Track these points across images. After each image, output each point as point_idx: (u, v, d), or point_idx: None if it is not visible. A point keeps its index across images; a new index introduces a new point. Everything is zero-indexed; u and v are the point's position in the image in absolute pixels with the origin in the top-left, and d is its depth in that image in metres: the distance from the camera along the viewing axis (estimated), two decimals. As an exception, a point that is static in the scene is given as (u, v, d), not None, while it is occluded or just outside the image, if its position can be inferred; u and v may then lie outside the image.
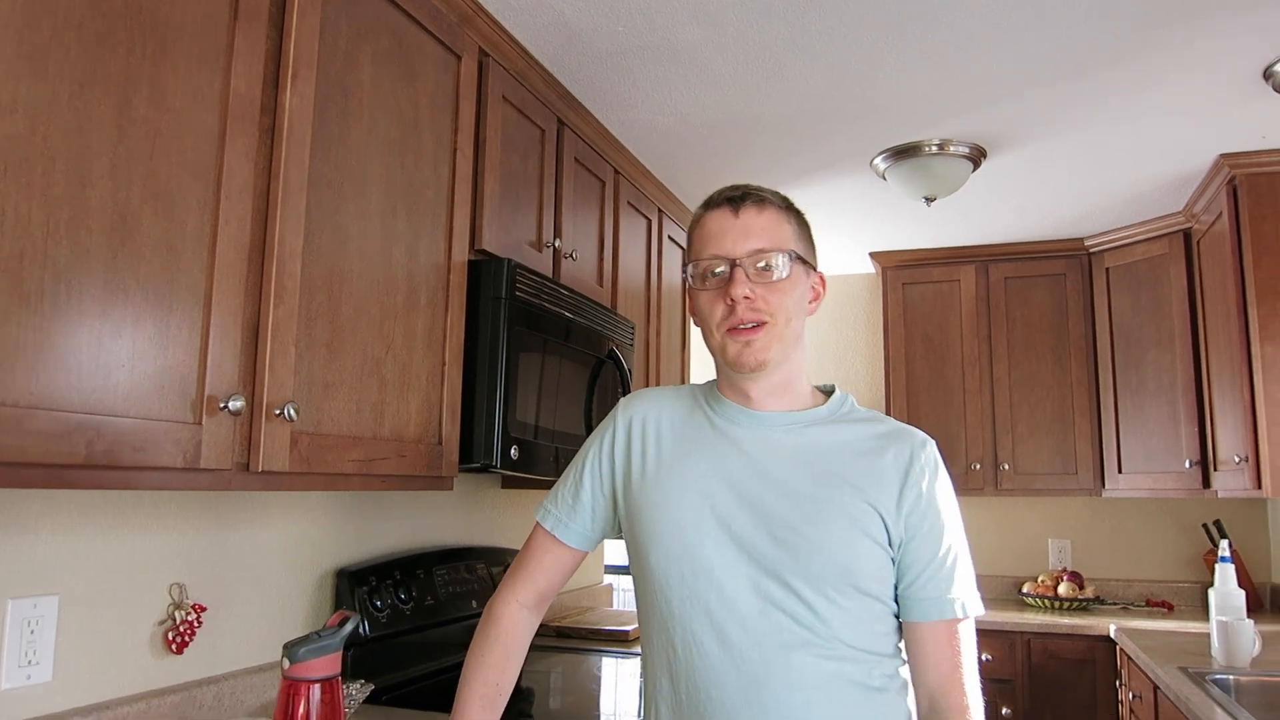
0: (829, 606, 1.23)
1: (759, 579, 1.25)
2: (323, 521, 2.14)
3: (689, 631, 1.27)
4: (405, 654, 2.27)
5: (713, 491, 1.30)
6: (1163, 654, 2.86)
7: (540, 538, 1.45)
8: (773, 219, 1.32)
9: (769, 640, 1.23)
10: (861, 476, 1.28)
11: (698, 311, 1.35)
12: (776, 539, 1.25)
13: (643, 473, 1.37)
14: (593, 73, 2.47)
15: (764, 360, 1.29)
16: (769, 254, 1.29)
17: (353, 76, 1.70)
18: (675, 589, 1.29)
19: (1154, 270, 3.76)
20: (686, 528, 1.29)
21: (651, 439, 1.39)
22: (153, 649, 1.69)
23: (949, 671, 1.26)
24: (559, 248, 2.48)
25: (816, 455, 1.31)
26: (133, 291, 1.25)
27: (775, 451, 1.32)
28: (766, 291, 1.29)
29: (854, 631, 1.25)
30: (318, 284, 1.60)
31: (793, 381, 1.36)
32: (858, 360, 4.69)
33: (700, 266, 1.32)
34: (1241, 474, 3.08)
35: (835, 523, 1.25)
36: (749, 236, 1.30)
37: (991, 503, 4.32)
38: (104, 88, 1.21)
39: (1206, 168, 3.17)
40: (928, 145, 2.94)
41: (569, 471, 1.47)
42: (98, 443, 1.19)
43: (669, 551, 1.29)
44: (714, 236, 1.32)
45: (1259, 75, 2.47)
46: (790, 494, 1.28)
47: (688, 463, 1.34)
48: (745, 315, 1.28)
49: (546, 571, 1.45)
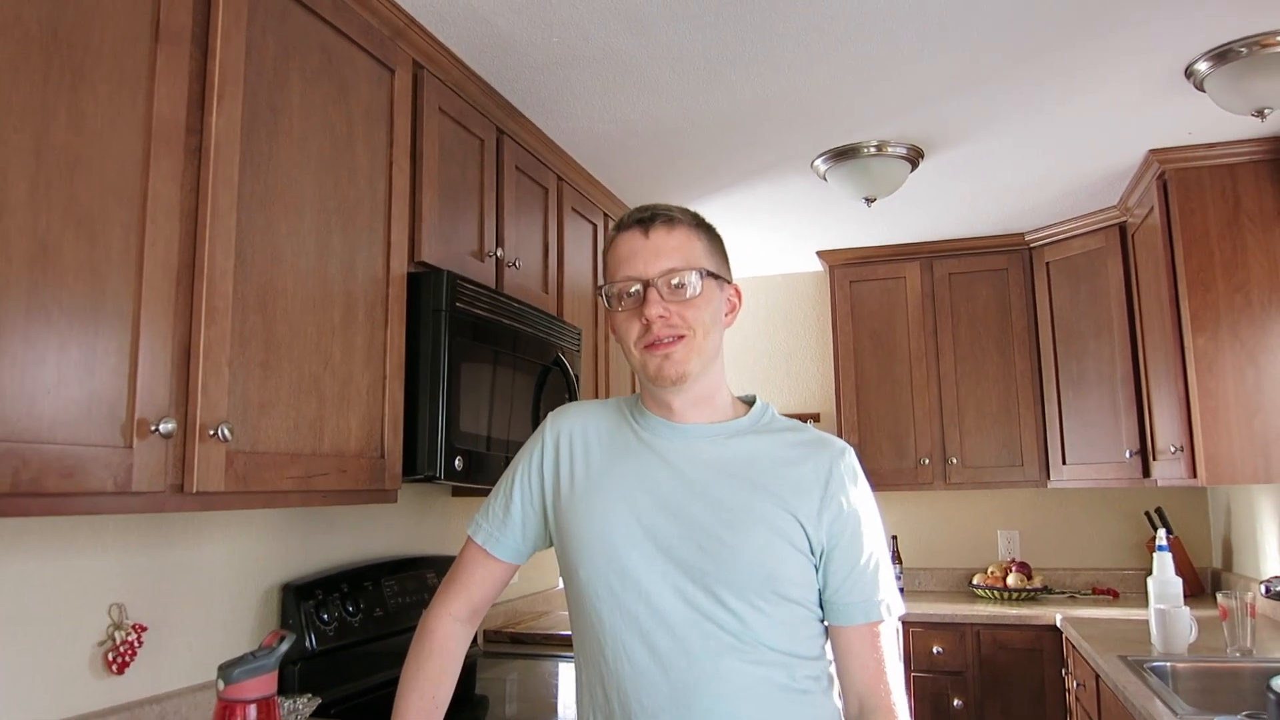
0: (753, 613, 1.27)
1: (685, 588, 1.28)
2: (267, 537, 2.14)
3: (619, 641, 1.30)
4: (354, 666, 2.27)
5: (639, 503, 1.32)
6: (1104, 642, 2.93)
7: (472, 551, 1.48)
8: (683, 238, 1.35)
9: (697, 647, 1.26)
10: (782, 486, 1.32)
11: (616, 330, 1.38)
12: (701, 548, 1.28)
13: (571, 487, 1.39)
14: (531, 82, 2.48)
15: (684, 373, 1.31)
16: (680, 273, 1.32)
17: (281, 95, 1.71)
18: (604, 600, 1.31)
19: (1092, 263, 3.84)
20: (614, 540, 1.31)
21: (580, 453, 1.41)
22: (93, 670, 1.68)
23: (875, 672, 1.30)
24: (501, 256, 2.49)
25: (739, 465, 1.34)
26: (55, 318, 1.25)
27: (699, 463, 1.34)
28: (681, 308, 1.32)
29: (779, 637, 1.28)
30: (251, 303, 1.60)
31: (713, 394, 1.39)
32: (807, 358, 4.74)
33: (615, 288, 1.35)
34: (1178, 463, 3.16)
35: (757, 531, 1.28)
36: (660, 256, 1.32)
37: (941, 496, 4.40)
38: (20, 115, 1.21)
39: (1138, 163, 3.25)
40: (865, 147, 2.99)
41: (499, 485, 1.49)
42: (24, 471, 1.19)
43: (597, 564, 1.32)
44: (626, 259, 1.34)
45: (1181, 73, 2.53)
46: (714, 504, 1.30)
47: (614, 476, 1.36)
48: (661, 332, 1.31)
49: (479, 584, 1.47)
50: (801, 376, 4.72)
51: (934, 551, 4.41)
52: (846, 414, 4.26)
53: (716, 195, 3.49)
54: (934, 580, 4.37)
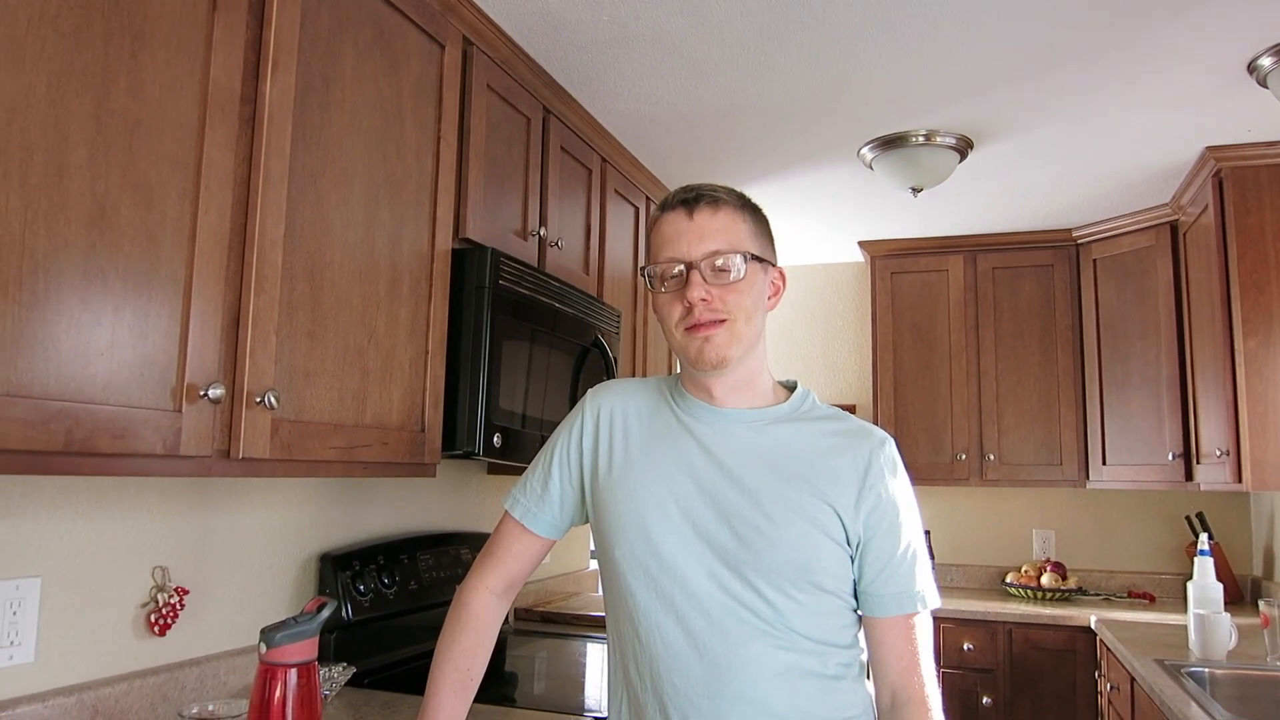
0: (787, 602, 1.26)
1: (720, 573, 1.27)
2: (307, 506, 2.16)
3: (653, 621, 1.29)
4: (388, 638, 2.29)
5: (677, 486, 1.32)
6: (1141, 646, 2.89)
7: (509, 526, 1.48)
8: (727, 219, 1.32)
9: (731, 631, 1.26)
10: (821, 476, 1.31)
11: (658, 312, 1.37)
12: (738, 535, 1.28)
13: (609, 466, 1.39)
14: (579, 61, 2.48)
15: (725, 357, 1.30)
16: (724, 255, 1.30)
17: (334, 66, 1.71)
18: (639, 580, 1.31)
19: (1141, 262, 3.77)
20: (651, 522, 1.31)
21: (619, 432, 1.41)
22: (135, 631, 1.71)
23: (909, 664, 1.29)
24: (544, 236, 2.49)
25: (778, 453, 1.33)
26: (112, 281, 1.27)
27: (738, 448, 1.34)
28: (723, 292, 1.30)
29: (812, 625, 1.28)
30: (299, 273, 1.62)
31: (754, 378, 1.38)
32: (845, 349, 4.71)
33: (658, 269, 1.33)
34: (1223, 467, 3.10)
35: (794, 521, 1.28)
36: (704, 239, 1.30)
37: (976, 493, 4.36)
38: (81, 79, 1.22)
39: (1193, 160, 3.19)
40: (914, 136, 2.95)
41: (538, 460, 1.49)
42: (77, 430, 1.21)
43: (634, 545, 1.32)
44: (670, 240, 1.32)
45: (1243, 68, 2.48)
46: (752, 491, 1.30)
47: (653, 457, 1.36)
48: (703, 316, 1.29)
49: (516, 559, 1.47)
50: (838, 367, 4.69)
51: (967, 548, 4.38)
52: (883, 406, 4.23)
53: (759, 181, 3.46)
54: (966, 577, 4.34)
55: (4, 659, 1.48)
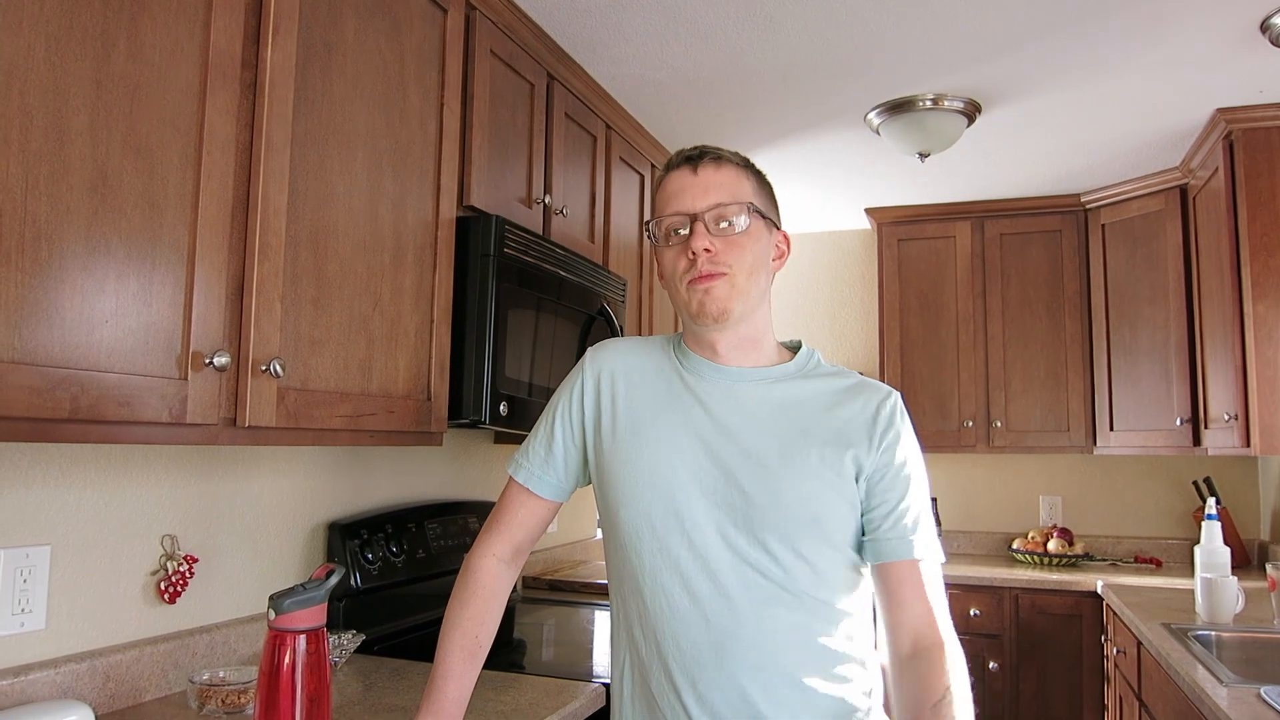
0: (796, 561, 1.26)
1: (729, 532, 1.27)
2: (315, 475, 2.16)
3: (658, 584, 1.29)
4: (396, 605, 2.31)
5: (682, 445, 1.32)
6: (1148, 610, 2.90)
7: (514, 491, 1.47)
8: (731, 175, 1.34)
9: (738, 593, 1.26)
10: (828, 430, 1.31)
11: (663, 268, 1.37)
12: (744, 492, 1.27)
13: (613, 425, 1.38)
14: (583, 26, 2.45)
15: (726, 310, 1.30)
16: (727, 207, 1.31)
17: (336, 31, 1.69)
18: (645, 542, 1.31)
19: (1150, 226, 3.74)
20: (657, 482, 1.31)
21: (621, 390, 1.40)
22: (145, 598, 1.72)
23: (925, 611, 1.29)
24: (549, 204, 2.47)
25: (784, 410, 1.33)
26: (115, 247, 1.26)
27: (744, 406, 1.33)
28: (726, 245, 1.31)
29: (820, 586, 1.27)
30: (303, 240, 1.61)
31: (759, 338, 1.38)
32: (851, 317, 4.69)
33: (663, 225, 1.34)
34: (1231, 432, 3.09)
35: (803, 476, 1.28)
36: (708, 192, 1.32)
37: (983, 459, 4.35)
38: (80, 42, 1.20)
39: (1203, 122, 3.15)
40: (921, 100, 2.92)
41: (539, 424, 1.49)
42: (82, 397, 1.20)
43: (639, 505, 1.32)
44: (674, 195, 1.34)
45: (1256, 28, 2.44)
46: (759, 448, 1.30)
47: (658, 417, 1.35)
48: (705, 268, 1.30)
49: (522, 524, 1.46)
50: (845, 335, 4.68)
51: (974, 515, 4.38)
52: (890, 374, 4.22)
53: (766, 148, 3.43)
54: (973, 543, 4.34)
55: (15, 626, 1.49)
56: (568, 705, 1.76)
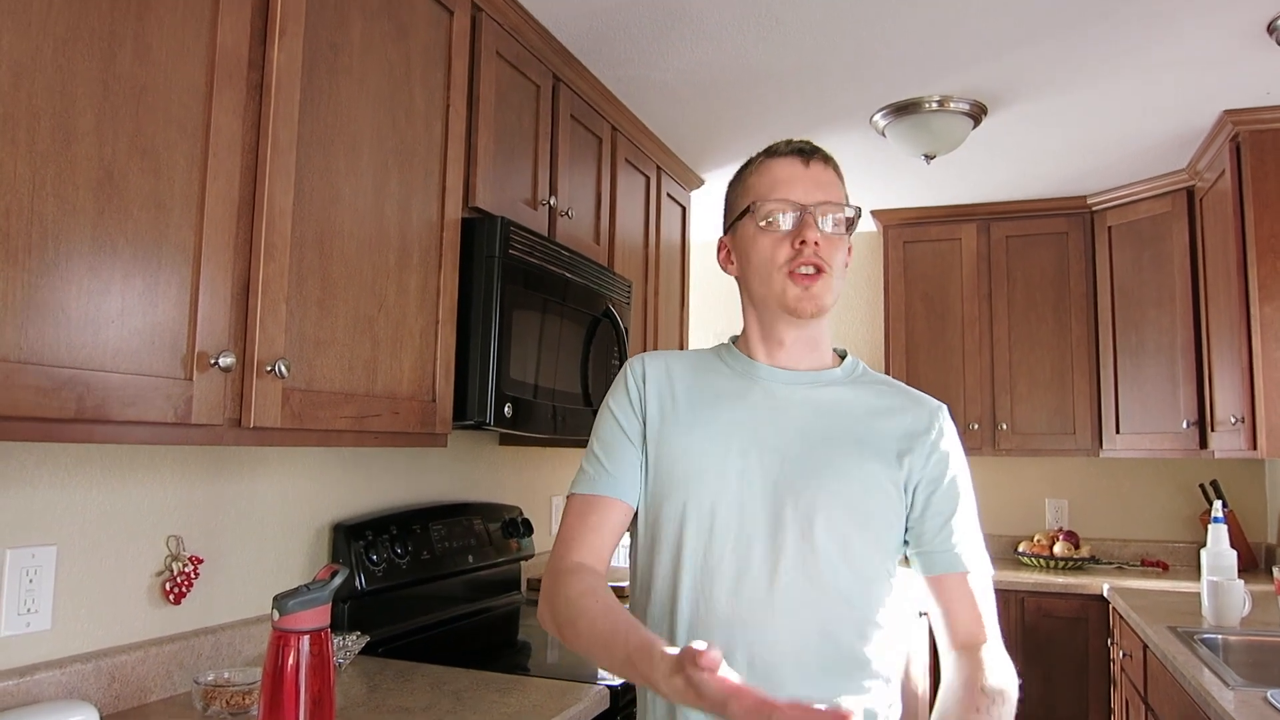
0: (842, 564, 1.26)
1: (778, 533, 1.26)
2: (320, 476, 2.16)
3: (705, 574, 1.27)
4: (401, 607, 2.30)
5: (734, 442, 1.31)
6: (1154, 613, 2.89)
7: (576, 503, 1.35)
8: (835, 177, 1.37)
9: (778, 593, 1.24)
10: (882, 437, 1.32)
11: (753, 252, 1.34)
12: (798, 492, 1.27)
13: (669, 419, 1.35)
14: (589, 28, 2.45)
15: (822, 306, 1.31)
16: (837, 207, 1.33)
17: (342, 32, 1.70)
18: (692, 533, 1.28)
19: (1156, 229, 3.73)
20: (709, 476, 1.29)
21: (667, 390, 1.38)
22: (150, 599, 1.72)
23: (974, 619, 1.29)
24: (555, 205, 2.47)
25: (838, 411, 1.34)
26: (121, 248, 1.26)
27: (796, 407, 1.34)
28: (828, 243, 1.31)
29: (861, 593, 1.27)
30: (308, 241, 1.61)
31: (821, 339, 1.39)
32: (856, 320, 4.69)
33: (765, 208, 1.33)
34: (1238, 435, 3.08)
35: (857, 479, 1.28)
36: (821, 188, 1.33)
37: (989, 462, 4.34)
38: (88, 43, 1.21)
39: (1210, 124, 3.14)
40: (927, 102, 2.92)
41: (595, 437, 1.40)
42: (88, 397, 1.21)
43: (688, 497, 1.30)
44: (783, 182, 1.33)
45: (1263, 29, 2.43)
46: (811, 449, 1.30)
47: (707, 413, 1.34)
48: (812, 259, 1.29)
49: (594, 529, 1.33)
50: (850, 338, 4.67)
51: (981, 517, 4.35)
52: (895, 376, 4.16)
53: (771, 150, 3.42)
54: (978, 546, 4.32)
55: (21, 626, 1.49)
56: (572, 708, 1.76)
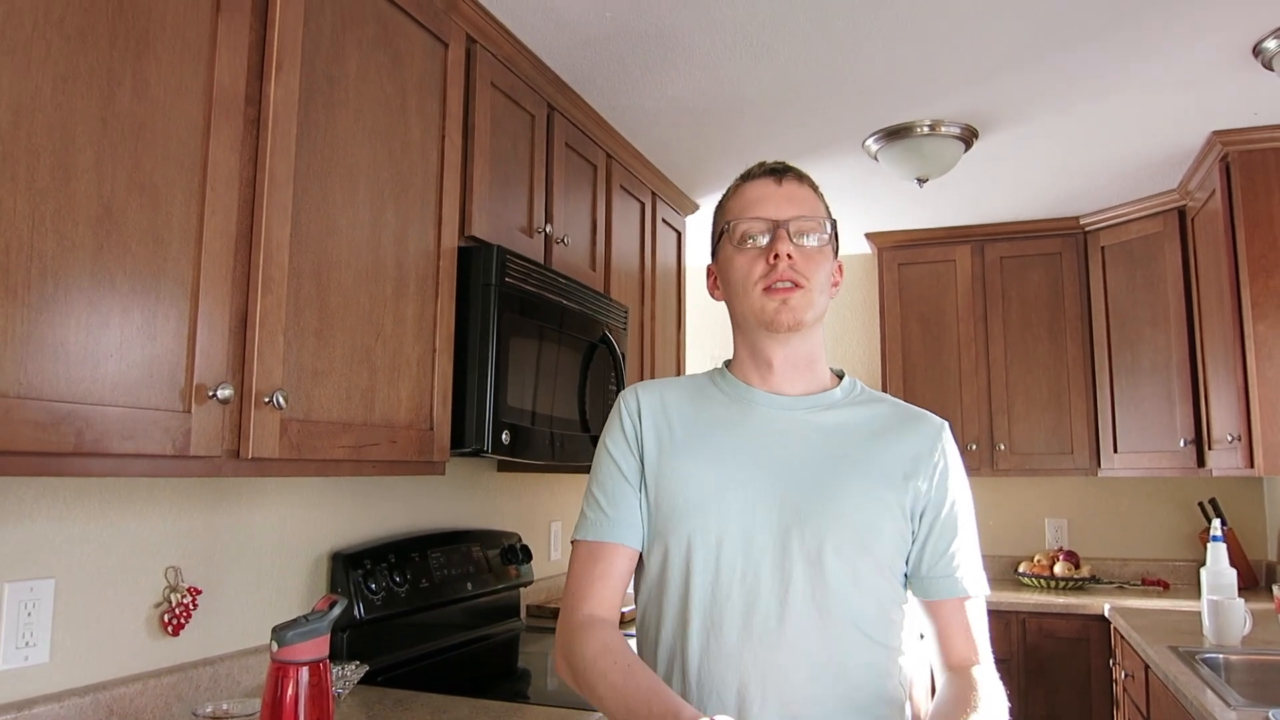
0: (851, 589, 1.26)
1: (785, 562, 1.26)
2: (318, 505, 2.17)
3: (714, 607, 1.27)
4: (401, 635, 2.30)
5: (736, 471, 1.30)
6: (1155, 633, 2.88)
7: (583, 551, 1.35)
8: (810, 193, 1.38)
9: (790, 617, 1.24)
10: (886, 460, 1.31)
11: (731, 272, 1.36)
12: (803, 520, 1.26)
13: (659, 453, 1.35)
14: (582, 58, 2.48)
15: (800, 320, 1.31)
16: (809, 220, 1.34)
17: (338, 66, 1.72)
18: (699, 567, 1.28)
19: (1149, 248, 3.75)
20: (712, 508, 1.29)
21: (664, 422, 1.38)
22: (149, 631, 1.72)
23: (971, 642, 1.31)
24: (550, 233, 2.49)
25: (839, 437, 1.33)
26: (119, 282, 1.27)
27: (797, 432, 1.33)
28: (804, 257, 1.32)
29: (870, 619, 1.28)
30: (305, 273, 1.62)
31: (814, 359, 1.39)
32: (853, 342, 4.70)
33: (740, 227, 1.35)
34: (1235, 453, 3.09)
35: (862, 504, 1.28)
36: (792, 203, 1.34)
37: (988, 483, 4.34)
38: (87, 82, 1.23)
39: (1200, 145, 3.17)
40: (919, 126, 2.95)
41: (590, 485, 1.40)
42: (87, 431, 1.21)
43: (693, 531, 1.29)
44: (756, 201, 1.35)
45: (1248, 51, 2.46)
46: (814, 476, 1.29)
47: (705, 441, 1.34)
48: (785, 273, 1.30)
49: (601, 577, 1.32)
50: (847, 360, 4.68)
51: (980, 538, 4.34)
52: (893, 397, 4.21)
53: (765, 175, 3.45)
54: (979, 567, 4.31)
55: (20, 659, 1.49)
56: (572, 735, 1.75)
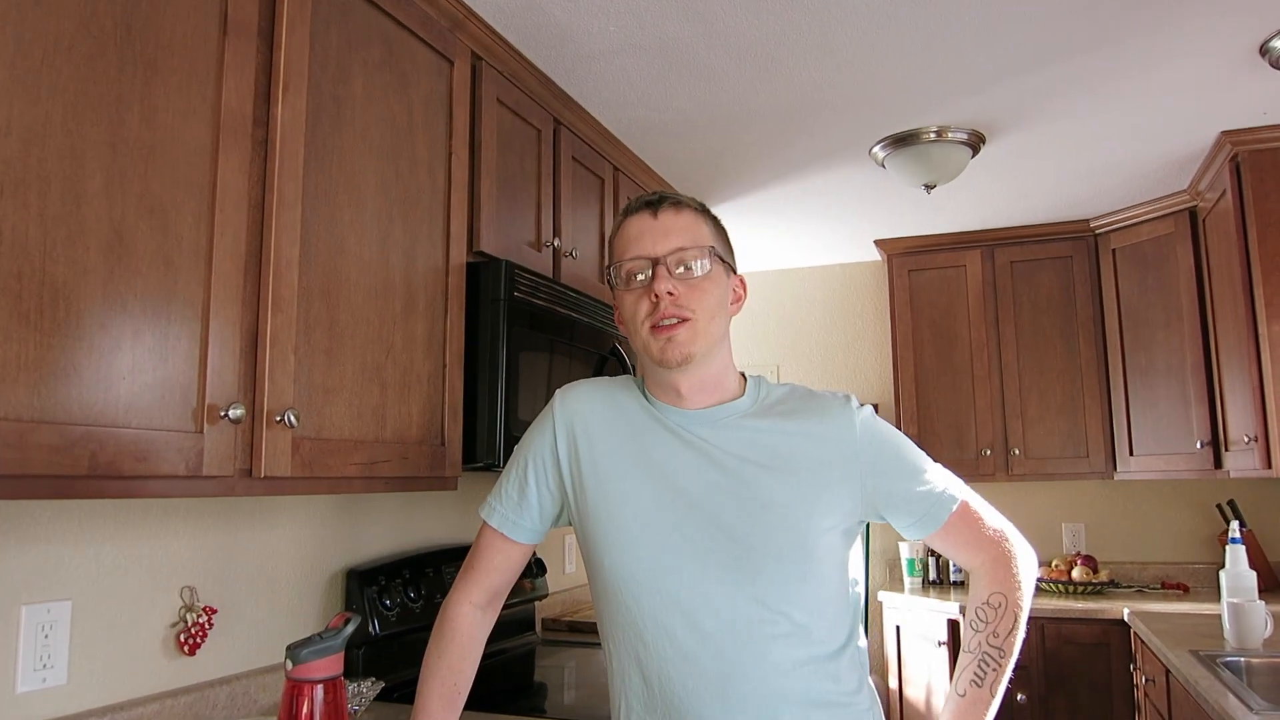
0: (792, 595, 1.27)
1: (720, 575, 1.28)
2: (332, 522, 2.18)
3: (659, 625, 1.29)
4: (416, 651, 2.29)
5: (662, 494, 1.33)
6: (1175, 637, 2.86)
7: (488, 537, 1.48)
8: (690, 220, 1.36)
9: (742, 629, 1.26)
10: (811, 459, 1.33)
11: (623, 312, 1.38)
12: (733, 536, 1.28)
13: (591, 474, 1.38)
14: (588, 72, 2.49)
15: (689, 354, 1.31)
16: (688, 251, 1.33)
17: (345, 87, 1.73)
18: (642, 585, 1.31)
19: (1160, 250, 3.74)
20: (644, 526, 1.31)
21: (594, 439, 1.40)
22: (165, 651, 1.73)
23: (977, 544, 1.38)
24: (558, 247, 2.50)
25: (757, 446, 1.34)
26: (131, 305, 1.28)
27: (716, 446, 1.34)
28: (688, 289, 1.32)
29: (816, 618, 1.29)
30: (315, 292, 1.63)
31: (721, 379, 1.39)
32: (865, 349, 4.70)
33: (624, 268, 1.35)
34: (1252, 454, 3.07)
35: (790, 510, 1.29)
36: (669, 236, 1.33)
37: (1003, 488, 4.32)
38: (96, 108, 1.24)
39: (1209, 145, 3.16)
40: (925, 132, 2.95)
41: (511, 466, 1.48)
42: (101, 454, 1.22)
43: (625, 555, 1.32)
44: (634, 239, 1.35)
45: (1256, 51, 2.46)
46: (740, 484, 1.31)
47: (633, 466, 1.36)
48: (669, 311, 1.31)
49: (498, 570, 1.47)
50: (860, 367, 4.68)
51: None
52: (905, 404, 4.21)
53: (773, 184, 3.46)
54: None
55: (37, 681, 1.50)
56: (588, 749, 1.75)
